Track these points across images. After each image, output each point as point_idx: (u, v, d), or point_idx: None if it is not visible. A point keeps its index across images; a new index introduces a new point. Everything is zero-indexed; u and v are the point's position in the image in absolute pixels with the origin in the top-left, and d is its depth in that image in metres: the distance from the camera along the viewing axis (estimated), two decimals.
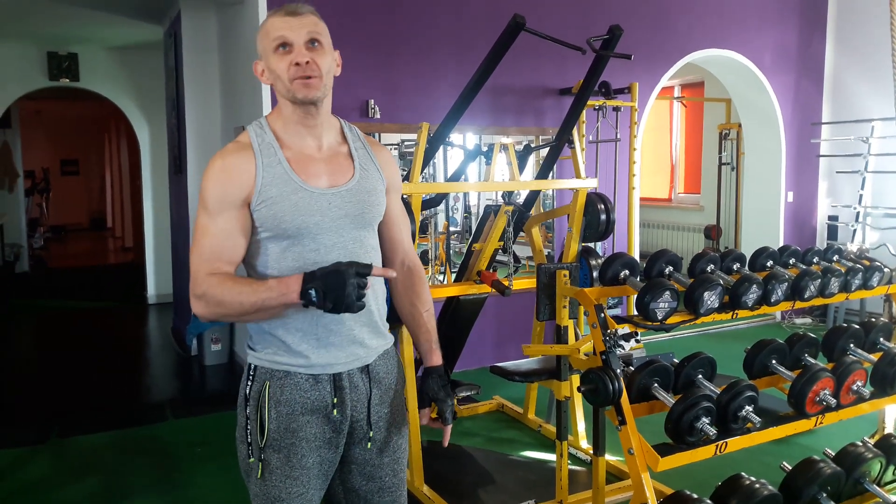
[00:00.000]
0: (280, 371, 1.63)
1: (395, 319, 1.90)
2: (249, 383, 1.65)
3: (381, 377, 1.74)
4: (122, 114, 8.25)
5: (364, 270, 1.47)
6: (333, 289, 1.44)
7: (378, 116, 4.85)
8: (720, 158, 7.96)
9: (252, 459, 1.64)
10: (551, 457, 3.65)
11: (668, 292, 2.45)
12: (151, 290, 8.19)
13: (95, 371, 5.64)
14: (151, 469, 3.75)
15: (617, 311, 5.74)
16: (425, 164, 3.56)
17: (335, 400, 1.65)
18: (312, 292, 1.45)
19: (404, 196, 3.26)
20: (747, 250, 3.08)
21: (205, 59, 5.69)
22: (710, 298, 2.54)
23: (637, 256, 5.99)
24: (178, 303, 6.68)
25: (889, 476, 2.70)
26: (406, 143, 5.09)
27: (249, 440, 1.64)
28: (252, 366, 1.66)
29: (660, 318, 2.46)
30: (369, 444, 1.72)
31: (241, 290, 1.52)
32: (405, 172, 4.97)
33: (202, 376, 5.46)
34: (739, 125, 7.47)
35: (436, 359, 1.86)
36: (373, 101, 4.83)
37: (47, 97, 10.03)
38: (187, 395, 5.08)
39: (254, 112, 4.73)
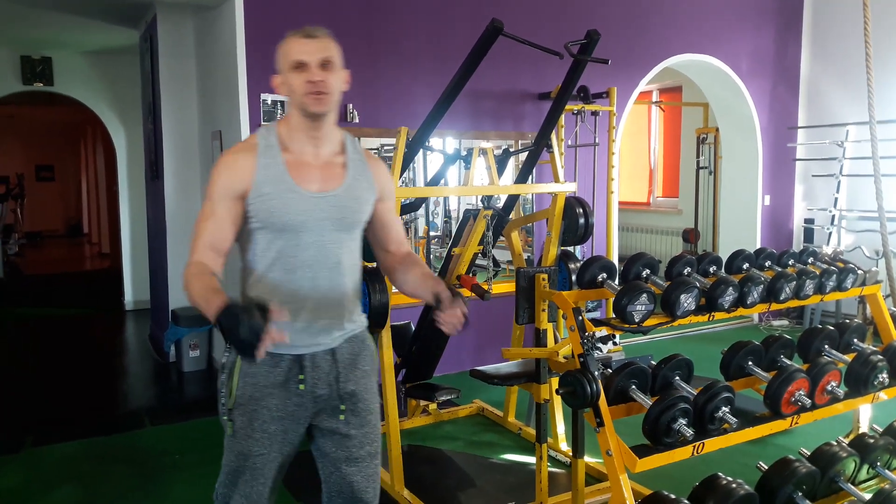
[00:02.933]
0: None
1: (375, 326, 1.92)
2: (227, 354, 1.90)
3: (345, 357, 1.93)
4: (97, 119, 8.15)
5: (257, 325, 1.50)
6: (229, 330, 1.52)
7: (357, 121, 4.84)
8: (698, 162, 8.03)
9: (225, 418, 1.91)
10: (531, 459, 3.65)
11: (644, 295, 2.47)
12: (129, 296, 8.10)
13: (72, 379, 5.57)
14: (128, 477, 3.71)
15: (596, 315, 5.77)
16: (404, 168, 3.56)
17: (301, 377, 1.87)
18: (218, 326, 1.55)
19: None
20: (725, 253, 3.11)
21: (181, 64, 5.65)
22: (687, 301, 2.56)
23: (616, 260, 6.02)
24: (155, 309, 6.61)
25: (863, 475, 2.74)
26: (385, 148, 5.09)
27: (223, 402, 1.90)
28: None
29: (637, 320, 2.48)
30: (342, 416, 1.93)
31: (195, 286, 1.70)
32: None
33: (180, 383, 5.41)
34: (717, 129, 7.55)
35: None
36: (351, 105, 4.82)
37: (21, 102, 9.90)
38: (165, 402, 5.03)
39: (231, 117, 4.71)
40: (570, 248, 4.04)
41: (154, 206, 6.28)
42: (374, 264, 2.36)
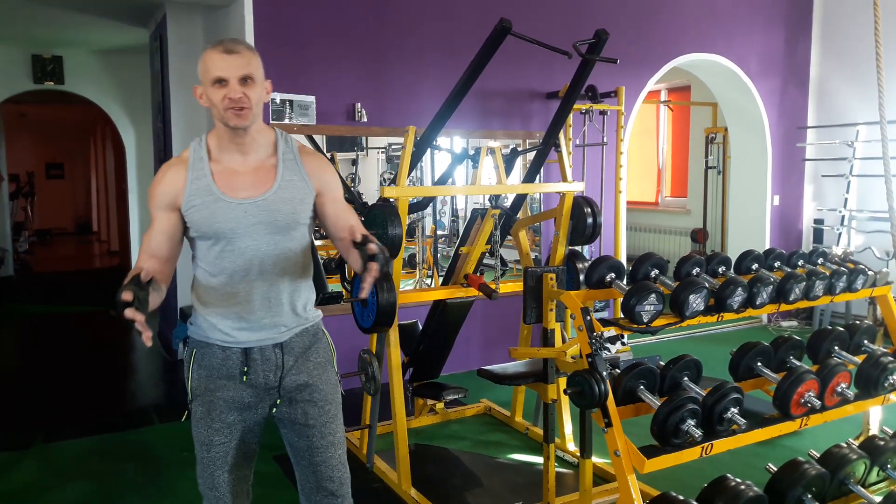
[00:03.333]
0: (203, 342, 1.98)
1: (383, 325, 1.88)
2: (185, 349, 2.04)
3: (294, 350, 2.00)
4: (107, 117, 8.21)
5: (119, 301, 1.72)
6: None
7: (365, 120, 4.84)
8: (707, 162, 8.00)
9: (190, 408, 2.03)
10: (539, 459, 3.65)
11: (653, 295, 2.46)
12: None
13: (81, 376, 5.59)
14: (137, 474, 3.72)
15: (604, 315, 5.76)
16: (412, 167, 3.56)
17: (245, 369, 1.95)
18: None
19: (391, 199, 3.27)
20: (734, 254, 3.09)
21: (191, 63, 5.61)
22: (696, 301, 2.55)
23: (624, 260, 6.01)
24: (163, 307, 6.63)
25: (873, 477, 2.72)
26: (393, 147, 5.09)
27: (187, 392, 2.02)
28: (188, 336, 2.03)
29: (645, 320, 2.47)
30: (273, 409, 2.01)
31: None
32: (392, 176, 4.97)
33: None
34: (726, 129, 7.52)
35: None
36: (360, 104, 4.82)
37: (32, 100, 9.97)
38: (173, 399, 5.04)
39: None
40: (578, 248, 4.03)
41: None
42: None
